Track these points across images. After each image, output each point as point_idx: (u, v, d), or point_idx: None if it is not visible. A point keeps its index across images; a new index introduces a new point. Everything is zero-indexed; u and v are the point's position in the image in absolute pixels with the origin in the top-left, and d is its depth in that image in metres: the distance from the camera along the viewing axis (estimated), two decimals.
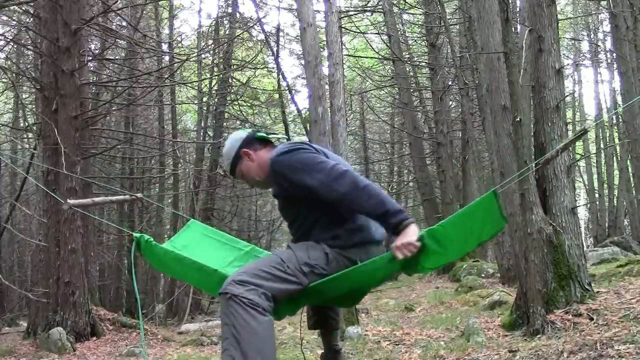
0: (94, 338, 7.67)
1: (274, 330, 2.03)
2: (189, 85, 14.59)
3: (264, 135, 2.45)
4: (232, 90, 16.25)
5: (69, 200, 2.38)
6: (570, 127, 18.60)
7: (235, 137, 2.45)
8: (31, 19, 9.75)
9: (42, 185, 8.21)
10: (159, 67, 12.61)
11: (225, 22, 16.64)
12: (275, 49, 15.14)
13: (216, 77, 15.93)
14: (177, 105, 15.91)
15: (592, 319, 4.10)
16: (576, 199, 6.02)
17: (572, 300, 4.51)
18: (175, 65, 12.37)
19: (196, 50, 15.03)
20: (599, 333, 3.57)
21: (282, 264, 2.09)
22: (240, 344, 1.92)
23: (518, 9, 10.86)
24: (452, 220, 2.15)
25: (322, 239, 2.20)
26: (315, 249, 2.18)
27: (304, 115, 14.73)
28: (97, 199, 2.64)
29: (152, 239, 2.50)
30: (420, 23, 16.31)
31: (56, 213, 7.87)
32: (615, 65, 14.83)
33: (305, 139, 2.80)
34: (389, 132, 21.81)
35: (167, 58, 13.95)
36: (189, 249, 2.64)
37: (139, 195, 2.74)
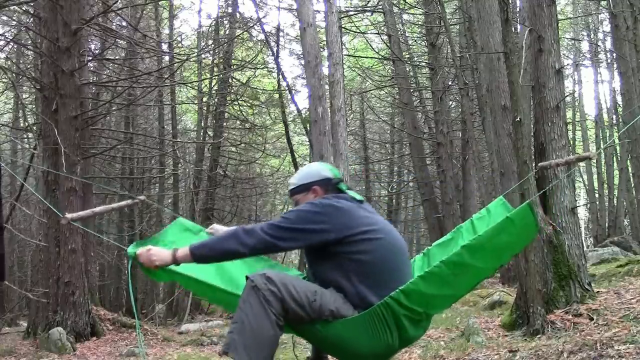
0: (94, 338, 7.67)
1: (279, 339, 2.03)
2: (189, 85, 14.59)
3: (344, 187, 2.38)
4: (232, 90, 16.24)
5: (67, 215, 2.30)
6: (570, 127, 18.61)
7: (319, 169, 2.42)
8: (31, 19, 9.75)
9: (38, 194, 8.20)
10: (159, 67, 12.61)
11: (225, 22, 16.63)
12: (275, 49, 15.14)
13: (216, 77, 15.92)
14: (177, 105, 15.90)
15: (592, 319, 4.10)
16: (576, 199, 6.02)
17: (572, 300, 4.52)
18: (175, 65, 12.38)
19: (196, 50, 15.03)
20: (599, 333, 3.57)
21: (315, 295, 2.09)
22: (246, 332, 1.94)
23: (518, 9, 10.85)
24: (488, 234, 2.09)
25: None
26: (346, 307, 2.15)
27: (304, 115, 14.73)
28: (97, 209, 2.56)
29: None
30: (420, 23, 16.28)
31: (56, 213, 7.87)
32: (615, 65, 14.82)
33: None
34: (389, 132, 21.79)
35: (167, 58, 13.95)
36: (177, 244, 2.61)
37: (141, 197, 2.68)
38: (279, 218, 2.20)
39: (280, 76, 15.16)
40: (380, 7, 14.73)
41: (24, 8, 9.63)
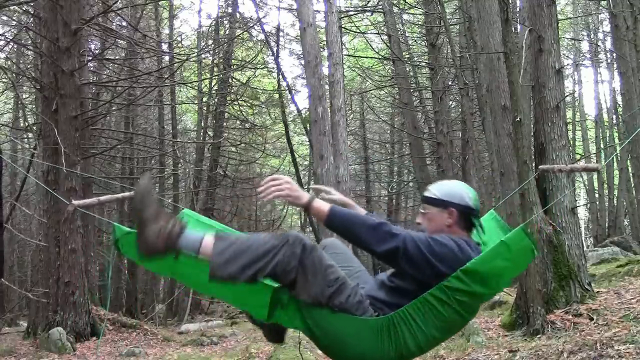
0: (94, 338, 7.67)
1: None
2: (189, 85, 14.59)
3: (477, 221, 2.23)
4: (232, 90, 16.25)
5: (73, 201, 2.33)
6: (570, 127, 18.62)
7: (465, 193, 2.22)
8: (31, 19, 9.75)
9: (43, 184, 8.21)
10: (159, 67, 12.61)
11: (225, 22, 16.64)
12: (275, 49, 15.15)
13: (216, 77, 15.93)
14: (177, 105, 15.91)
15: (592, 319, 4.11)
16: (576, 199, 6.02)
17: (572, 300, 4.52)
18: (175, 65, 12.38)
19: (196, 50, 15.03)
20: (599, 333, 3.57)
21: (336, 282, 2.03)
22: (238, 248, 1.95)
23: (518, 9, 10.85)
24: (482, 259, 2.02)
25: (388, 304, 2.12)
26: (358, 307, 2.08)
27: (304, 115, 14.74)
28: (102, 198, 2.59)
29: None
30: (420, 23, 16.28)
31: (56, 213, 7.87)
32: (615, 65, 14.82)
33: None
34: (389, 132, 21.79)
35: (167, 58, 13.95)
36: None
37: None
38: (423, 237, 2.03)
39: (280, 76, 15.17)
40: (380, 7, 14.73)
41: (24, 8, 9.63)
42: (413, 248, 2.00)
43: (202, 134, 16.37)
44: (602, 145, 21.17)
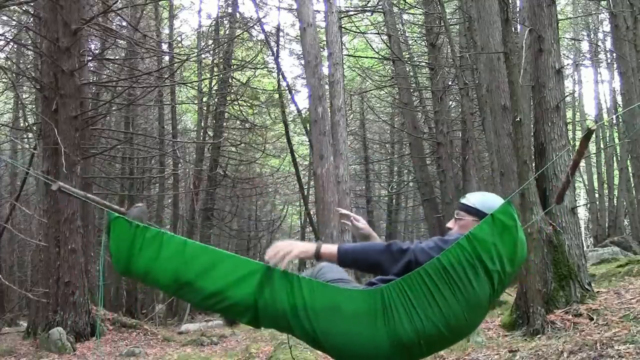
0: (94, 338, 7.67)
1: None
2: (189, 85, 14.59)
3: None
4: (232, 90, 16.25)
5: (59, 182, 2.33)
6: (570, 127, 18.62)
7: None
8: (31, 19, 9.75)
9: (40, 176, 8.21)
10: (159, 67, 12.61)
11: (225, 22, 16.65)
12: (275, 49, 15.15)
13: (216, 77, 15.93)
14: (177, 105, 15.91)
15: (592, 319, 4.11)
16: (576, 199, 6.03)
17: (572, 300, 4.52)
18: (175, 65, 12.38)
19: (196, 50, 15.03)
20: (599, 333, 3.57)
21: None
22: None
23: (518, 9, 10.85)
24: (475, 230, 2.03)
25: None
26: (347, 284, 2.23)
27: (304, 115, 14.74)
28: (90, 196, 2.56)
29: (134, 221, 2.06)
30: (420, 23, 16.29)
31: (56, 213, 7.87)
32: (615, 65, 14.82)
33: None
34: (389, 132, 21.79)
35: (167, 58, 13.94)
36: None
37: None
38: (432, 243, 2.07)
39: (280, 76, 15.16)
40: (380, 7, 14.73)
41: (24, 8, 9.63)
42: (423, 257, 2.03)
43: (202, 134, 16.37)
44: (602, 145, 21.16)
